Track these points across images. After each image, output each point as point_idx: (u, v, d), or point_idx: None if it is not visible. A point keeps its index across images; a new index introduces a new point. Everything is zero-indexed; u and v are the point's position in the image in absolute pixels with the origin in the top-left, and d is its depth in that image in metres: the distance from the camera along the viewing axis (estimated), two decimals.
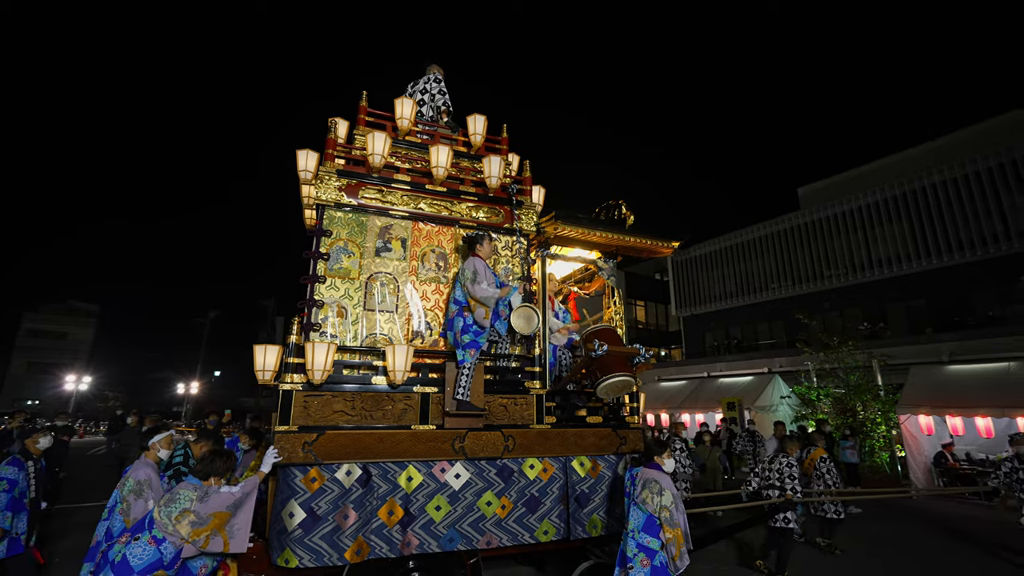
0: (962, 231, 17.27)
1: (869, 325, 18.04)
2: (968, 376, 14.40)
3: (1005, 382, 13.44)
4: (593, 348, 4.17)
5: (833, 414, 14.33)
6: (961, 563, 6.49)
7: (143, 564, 3.21)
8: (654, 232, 5.17)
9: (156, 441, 4.41)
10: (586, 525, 4.43)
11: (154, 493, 4.00)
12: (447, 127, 5.67)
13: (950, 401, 13.73)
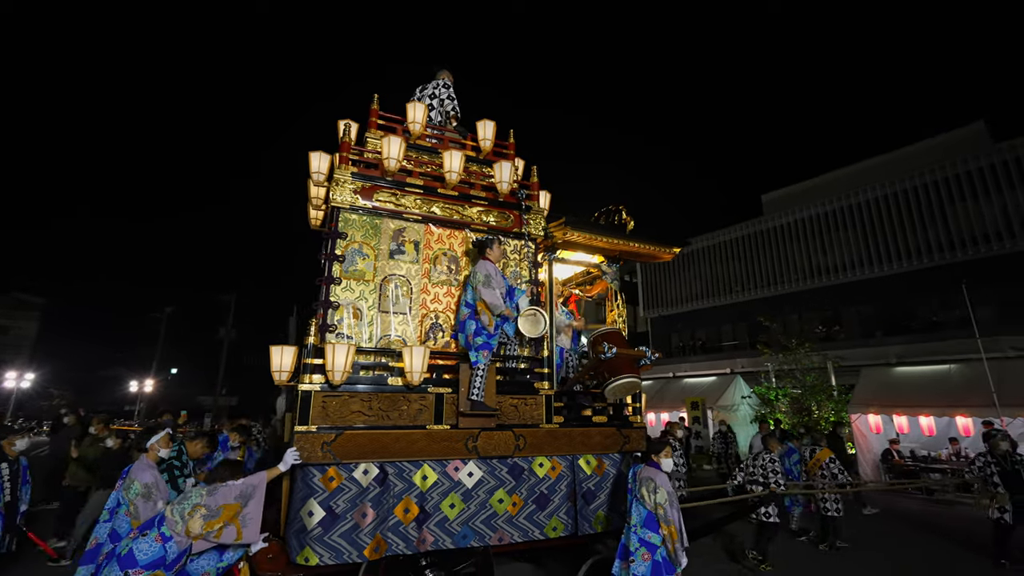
0: (910, 240, 18.37)
1: (824, 328, 19.02)
2: (913, 377, 15.32)
3: (946, 384, 14.37)
4: (603, 351, 4.39)
5: (790, 413, 15.03)
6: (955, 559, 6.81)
7: (147, 559, 3.32)
8: (657, 239, 5.44)
9: (155, 441, 4.41)
10: (592, 521, 4.63)
11: (161, 495, 4.03)
12: (455, 132, 5.80)
13: (897, 401, 14.60)
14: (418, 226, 4.89)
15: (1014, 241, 16.55)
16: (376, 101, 5.24)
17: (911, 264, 18.32)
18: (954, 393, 13.87)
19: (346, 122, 5.00)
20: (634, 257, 5.64)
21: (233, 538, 3.61)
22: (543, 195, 5.57)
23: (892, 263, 18.77)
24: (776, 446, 6.58)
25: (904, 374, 15.63)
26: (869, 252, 19.18)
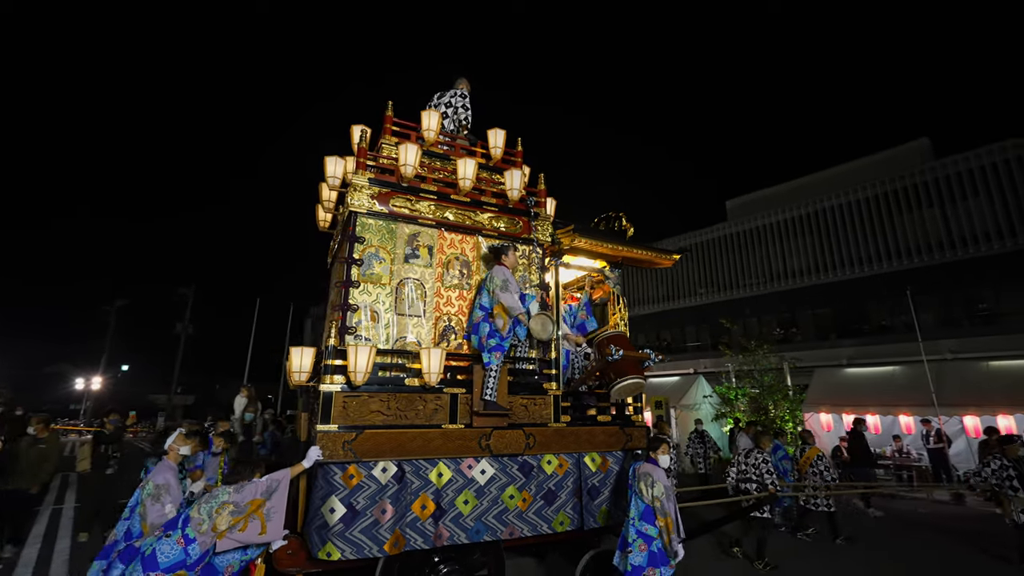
0: (862, 248, 19.53)
1: (782, 330, 20.03)
2: (862, 378, 16.31)
3: (891, 384, 15.38)
4: (610, 353, 4.68)
5: (749, 412, 15.77)
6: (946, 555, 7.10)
7: (168, 562, 3.41)
8: (657, 247, 5.77)
9: (172, 442, 4.50)
10: (597, 516, 4.88)
11: (171, 498, 4.09)
12: (466, 139, 5.96)
13: (846, 400, 15.54)
14: (432, 231, 5.04)
15: (954, 251, 17.82)
16: (390, 108, 5.35)
17: (863, 271, 19.49)
18: (898, 393, 14.88)
19: (362, 128, 5.10)
20: (635, 263, 5.96)
21: (257, 532, 3.71)
22: (550, 202, 5.80)
23: (846, 269, 19.92)
24: (767, 444, 6.96)
25: (854, 375, 16.62)
26: (825, 258, 20.31)
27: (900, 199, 19.25)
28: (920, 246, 18.46)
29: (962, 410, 13.58)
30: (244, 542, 3.79)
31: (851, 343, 17.97)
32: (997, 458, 6.77)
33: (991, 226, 17.28)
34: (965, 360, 15.14)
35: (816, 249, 20.67)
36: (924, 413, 13.73)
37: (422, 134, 5.27)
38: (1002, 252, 16.94)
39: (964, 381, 14.34)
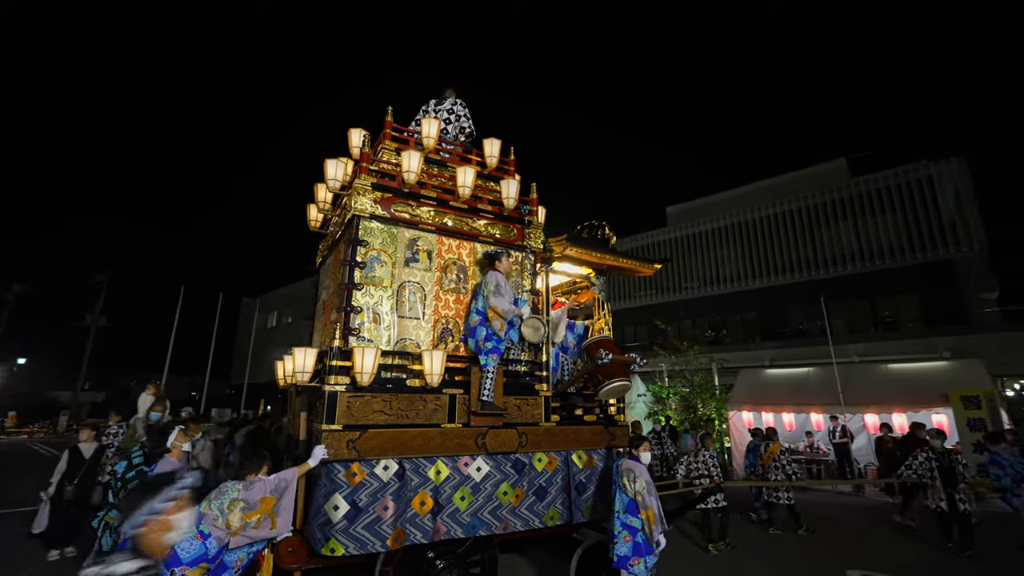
0: (786, 257, 21.17)
1: (714, 333, 21.39)
2: (780, 379, 17.68)
3: (805, 384, 16.76)
4: (600, 356, 5.04)
5: (679, 410, 16.76)
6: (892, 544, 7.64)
7: (191, 556, 3.52)
8: (641, 257, 6.19)
9: (174, 440, 4.51)
10: (584, 510, 5.20)
11: None
12: (462, 146, 6.12)
13: (766, 399, 16.81)
14: (431, 236, 5.19)
15: (863, 263, 19.65)
16: (390, 113, 5.44)
17: (786, 278, 21.09)
18: (810, 393, 16.23)
19: (363, 133, 5.18)
20: (618, 271, 6.35)
21: (268, 528, 3.83)
22: (540, 210, 6.04)
23: (771, 276, 21.50)
24: (712, 443, 7.65)
25: (773, 375, 17.98)
26: (754, 265, 21.85)
27: (820, 213, 20.93)
28: (836, 257, 20.18)
29: (864, 408, 14.99)
30: (257, 539, 3.88)
31: (773, 346, 19.47)
32: (924, 451, 7.53)
33: (895, 241, 19.21)
34: (869, 363, 16.74)
35: (747, 257, 22.18)
36: (832, 411, 15.05)
37: (422, 141, 5.39)
38: (904, 265, 18.85)
39: (867, 382, 15.83)
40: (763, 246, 22.10)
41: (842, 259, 20.04)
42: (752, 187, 24.59)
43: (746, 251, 22.32)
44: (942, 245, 18.15)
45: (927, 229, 18.51)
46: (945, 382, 14.60)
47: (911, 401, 14.76)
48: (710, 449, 7.57)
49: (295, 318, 37.35)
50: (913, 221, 18.79)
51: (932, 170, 18.71)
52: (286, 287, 40.17)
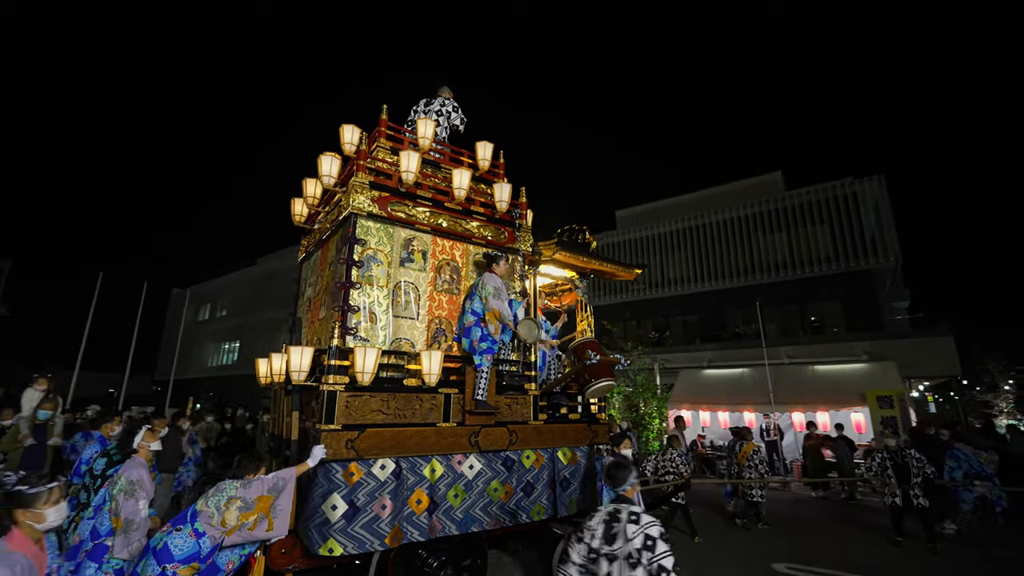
0: (726, 263, 22.34)
1: (657, 334, 22.27)
2: (717, 379, 18.70)
3: (739, 384, 17.83)
4: (588, 357, 5.27)
5: (622, 409, 17.38)
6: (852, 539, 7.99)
7: (183, 554, 3.49)
8: (622, 262, 6.46)
9: (141, 440, 4.43)
10: (567, 505, 5.41)
11: (145, 493, 4.09)
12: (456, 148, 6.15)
13: (704, 399, 17.76)
14: (426, 236, 5.24)
15: (795, 271, 21.00)
16: (385, 112, 5.45)
17: (725, 283, 22.22)
18: (744, 392, 17.27)
19: (361, 131, 5.17)
20: (600, 275, 6.60)
21: (265, 529, 3.82)
22: (528, 213, 6.16)
23: (711, 281, 22.59)
24: (678, 444, 8.09)
25: (711, 376, 18.97)
26: (696, 270, 22.88)
27: (758, 223, 22.18)
28: (771, 265, 21.45)
29: (792, 407, 16.07)
30: (253, 540, 3.86)
31: (711, 347, 20.49)
32: (881, 451, 7.99)
33: (823, 251, 20.61)
34: (797, 365, 17.98)
35: (690, 261, 23.18)
36: (763, 410, 16.07)
37: (417, 141, 5.42)
38: (830, 274, 20.31)
39: (795, 383, 16.99)
40: (705, 252, 23.13)
41: (776, 266, 21.34)
42: (696, 195, 25.68)
43: (689, 256, 23.32)
44: (863, 256, 19.69)
45: (851, 241, 20.02)
46: (863, 383, 15.90)
47: (833, 400, 15.98)
48: (677, 449, 7.99)
49: (231, 311, 35.77)
50: (839, 233, 20.28)
51: (856, 187, 20.27)
52: (221, 277, 38.35)
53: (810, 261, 20.72)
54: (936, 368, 18.06)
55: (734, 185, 24.69)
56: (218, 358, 36.02)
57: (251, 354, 32.41)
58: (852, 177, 20.39)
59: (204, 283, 39.25)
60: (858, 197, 20.15)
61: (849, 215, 20.24)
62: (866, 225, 19.78)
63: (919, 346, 17.94)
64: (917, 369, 17.79)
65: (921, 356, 17.73)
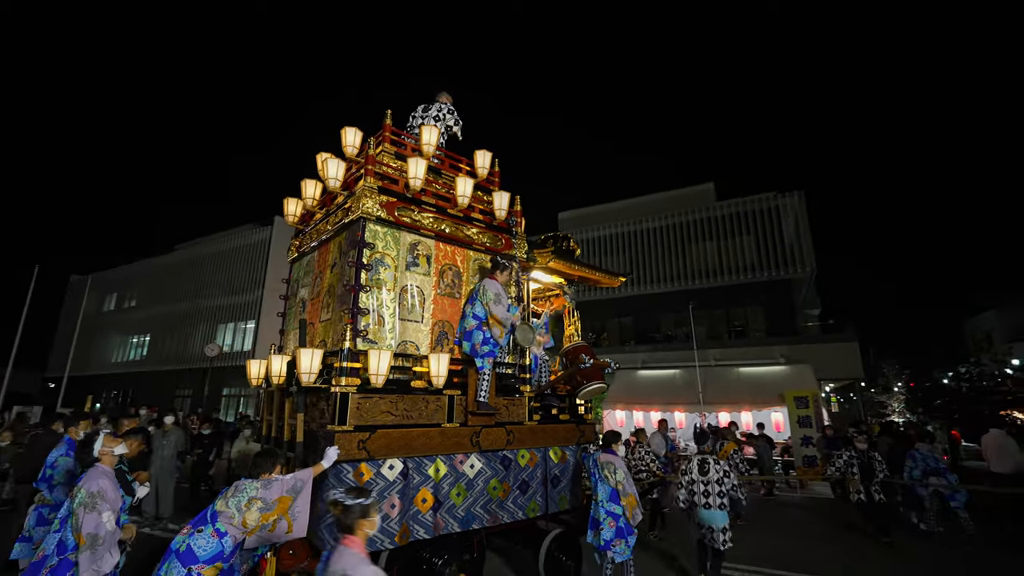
0: (661, 268, 23.53)
1: (594, 335, 23.07)
2: (650, 380, 19.70)
3: (671, 385, 18.90)
4: (582, 361, 5.62)
5: None
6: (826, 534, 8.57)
7: (207, 554, 3.53)
8: (608, 270, 6.84)
9: (100, 447, 4.13)
10: (558, 501, 5.72)
11: (109, 505, 3.85)
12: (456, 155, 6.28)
13: (637, 399, 18.67)
14: (430, 241, 5.39)
15: (723, 278, 22.40)
16: (389, 117, 5.53)
17: (659, 287, 23.34)
18: (676, 392, 18.32)
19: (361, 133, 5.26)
20: (587, 282, 6.95)
21: (285, 531, 3.90)
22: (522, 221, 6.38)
23: (646, 285, 23.66)
24: (645, 439, 8.57)
25: (644, 377, 19.96)
26: (633, 274, 23.90)
27: (691, 230, 23.46)
28: (701, 271, 22.80)
29: (719, 407, 17.24)
30: (272, 540, 3.93)
31: (645, 349, 21.54)
32: (848, 450, 8.49)
33: (749, 260, 22.13)
34: (724, 367, 19.28)
35: (627, 265, 24.09)
36: (693, 410, 17.15)
37: (420, 147, 5.55)
38: (754, 281, 21.85)
39: (722, 384, 18.21)
40: (641, 256, 24.18)
41: (706, 273, 22.70)
42: (635, 201, 26.81)
43: (626, 260, 24.28)
44: (783, 266, 21.35)
45: (773, 251, 21.65)
46: (781, 384, 17.21)
47: (755, 401, 17.26)
48: (646, 445, 8.48)
49: (142, 301, 33.30)
50: (763, 243, 21.88)
51: (779, 201, 21.96)
52: (130, 265, 35.58)
53: (736, 269, 22.21)
54: (843, 371, 19.90)
55: (670, 194, 25.96)
56: (124, 352, 33.42)
57: (163, 348, 30.55)
58: (775, 192, 22.08)
59: (111, 270, 36.30)
60: (780, 211, 21.83)
61: (772, 227, 21.90)
62: (786, 237, 21.49)
63: (828, 350, 19.69)
64: (827, 372, 19.50)
65: (830, 359, 19.46)
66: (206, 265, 30.48)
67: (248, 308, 27.71)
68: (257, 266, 27.88)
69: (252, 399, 25.80)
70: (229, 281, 28.94)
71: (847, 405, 26.64)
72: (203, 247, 31.38)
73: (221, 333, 28.83)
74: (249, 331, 27.52)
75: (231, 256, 29.40)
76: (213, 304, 29.28)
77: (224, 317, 28.75)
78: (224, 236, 30.97)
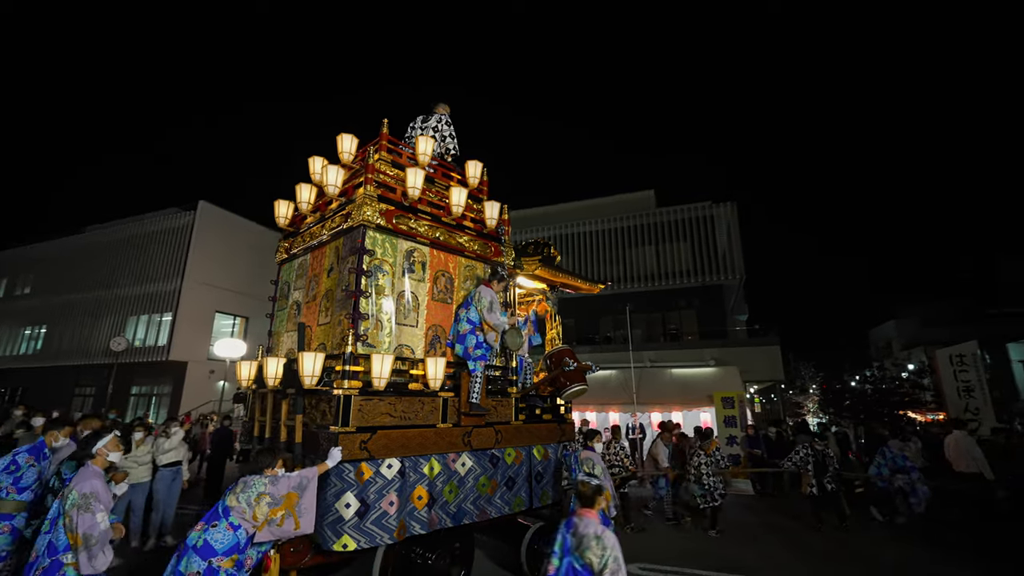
0: (602, 270, 24.49)
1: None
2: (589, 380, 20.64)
3: (607, 385, 19.75)
4: (567, 364, 6.09)
5: None
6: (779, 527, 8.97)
7: (225, 547, 3.81)
8: (588, 277, 7.32)
9: (103, 446, 4.20)
10: (540, 496, 6.14)
11: (102, 505, 3.89)
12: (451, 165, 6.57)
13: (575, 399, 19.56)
14: (425, 248, 5.67)
15: (660, 282, 23.64)
16: (386, 126, 5.75)
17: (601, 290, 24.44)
18: (611, 393, 19.20)
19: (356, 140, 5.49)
20: (568, 288, 7.40)
21: (292, 527, 4.15)
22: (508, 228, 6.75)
23: None
24: (619, 437, 9.22)
25: None
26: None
27: (631, 235, 24.58)
28: (640, 275, 23.97)
29: (651, 407, 18.29)
30: (281, 536, 4.16)
31: (585, 350, 22.28)
32: (805, 447, 9.13)
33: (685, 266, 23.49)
34: (658, 368, 20.44)
35: (569, 267, 24.93)
36: (627, 410, 18.05)
37: (416, 157, 5.81)
38: (689, 287, 23.22)
39: (655, 385, 19.31)
40: (583, 259, 25.06)
41: (645, 277, 23.90)
42: (578, 204, 27.68)
43: (568, 262, 25.01)
44: (715, 272, 22.83)
45: (707, 258, 23.07)
46: (711, 385, 18.44)
47: (687, 401, 18.40)
48: (620, 441, 9.09)
49: (37, 288, 30.67)
50: (698, 250, 23.28)
51: (713, 210, 23.44)
52: (25, 247, 32.65)
53: (673, 274, 23.50)
54: (766, 373, 21.52)
55: (612, 198, 27.05)
56: (15, 345, 30.79)
57: (61, 341, 28.41)
58: (711, 201, 23.54)
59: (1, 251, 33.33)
60: (714, 219, 23.32)
61: (706, 235, 23.35)
62: (719, 245, 22.98)
63: (754, 354, 21.24)
64: (752, 374, 21.04)
65: (755, 362, 21.00)
66: (119, 250, 28.38)
67: (165, 299, 25.81)
68: (177, 254, 26.20)
69: (165, 398, 24.56)
70: (144, 269, 27.04)
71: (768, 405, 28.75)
72: (118, 230, 29.20)
73: (132, 325, 26.84)
74: (165, 324, 25.70)
75: (149, 241, 27.43)
76: (124, 293, 27.23)
77: (137, 308, 26.76)
78: (142, 219, 28.78)
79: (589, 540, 3.48)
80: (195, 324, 25.41)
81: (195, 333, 25.35)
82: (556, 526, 6.12)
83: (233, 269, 26.86)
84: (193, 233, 26.00)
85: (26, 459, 4.94)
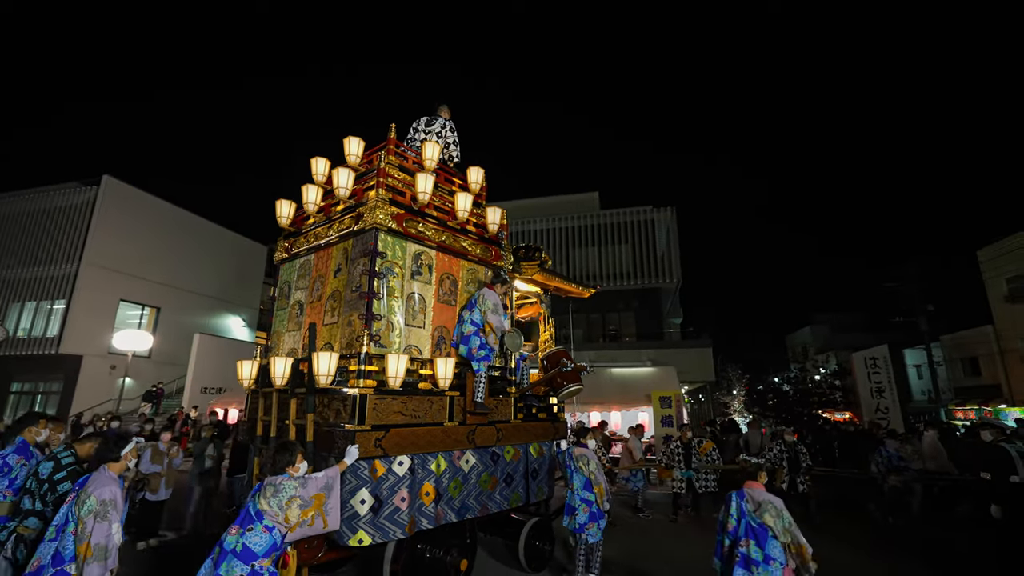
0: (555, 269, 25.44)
1: None
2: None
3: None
4: (564, 365, 6.60)
5: None
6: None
7: (264, 549, 4.01)
8: (581, 282, 7.80)
9: (128, 451, 4.30)
10: (536, 493, 6.61)
11: (118, 512, 3.85)
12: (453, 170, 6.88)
13: None
14: (432, 251, 6.02)
15: (603, 283, 24.67)
16: (393, 130, 6.05)
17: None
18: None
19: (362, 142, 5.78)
20: (561, 292, 7.89)
21: (321, 526, 4.46)
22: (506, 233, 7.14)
23: None
24: (598, 435, 9.72)
25: None
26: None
27: (575, 236, 25.52)
28: (583, 276, 24.90)
29: (590, 407, 19.06)
30: (310, 535, 4.45)
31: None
32: (779, 443, 9.66)
33: (626, 267, 24.68)
34: (599, 368, 21.37)
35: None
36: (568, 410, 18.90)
37: (422, 162, 6.16)
38: (629, 288, 24.43)
39: (595, 384, 20.07)
40: None
41: (587, 278, 24.86)
42: (523, 202, 28.24)
43: None
44: (654, 275, 24.17)
45: (647, 261, 24.38)
46: (649, 385, 19.48)
47: (625, 401, 19.38)
48: (597, 438, 9.65)
49: None
50: (638, 253, 24.53)
51: (654, 214, 24.78)
52: None
53: (614, 275, 24.65)
54: (699, 374, 23.03)
55: (558, 198, 27.94)
56: None
57: None
58: (651, 206, 24.85)
59: None
60: (654, 224, 24.65)
61: (646, 238, 24.65)
62: (659, 248, 24.33)
63: (688, 355, 22.68)
64: (686, 375, 22.40)
65: (688, 363, 22.41)
66: (2, 226, 25.93)
67: (58, 284, 23.27)
68: (75, 234, 23.82)
69: (54, 396, 22.68)
70: (33, 249, 24.45)
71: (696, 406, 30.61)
72: (4, 204, 26.54)
73: (15, 314, 24.27)
74: (57, 312, 23.39)
75: (40, 218, 24.86)
76: (7, 276, 24.72)
77: (22, 294, 24.20)
78: (34, 193, 25.92)
79: (767, 505, 4.32)
80: (94, 313, 23.43)
81: (94, 323, 23.38)
82: (550, 522, 6.79)
83: (144, 254, 25.12)
84: (95, 211, 24.04)
85: (16, 460, 4.94)
